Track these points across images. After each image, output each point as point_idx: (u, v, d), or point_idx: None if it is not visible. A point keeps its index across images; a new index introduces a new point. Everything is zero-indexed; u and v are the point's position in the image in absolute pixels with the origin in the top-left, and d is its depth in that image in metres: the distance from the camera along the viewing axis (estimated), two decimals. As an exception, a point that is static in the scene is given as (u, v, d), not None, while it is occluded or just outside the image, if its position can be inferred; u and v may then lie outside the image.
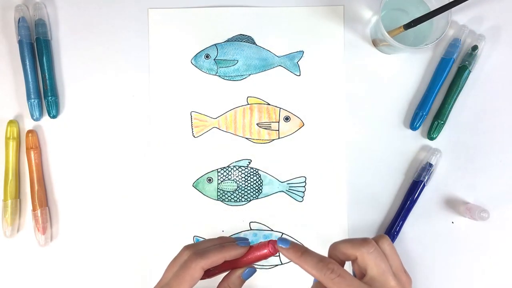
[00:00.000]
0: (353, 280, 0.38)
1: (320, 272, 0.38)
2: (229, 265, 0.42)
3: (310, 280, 0.55)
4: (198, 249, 0.41)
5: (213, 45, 0.58)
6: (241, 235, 0.58)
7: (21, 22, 0.56)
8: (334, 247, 0.41)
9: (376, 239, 0.41)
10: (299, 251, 0.40)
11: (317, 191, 0.58)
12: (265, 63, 0.58)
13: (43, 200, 0.56)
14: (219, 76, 0.58)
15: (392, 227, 0.56)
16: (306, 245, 0.57)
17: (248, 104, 0.58)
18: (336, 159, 0.58)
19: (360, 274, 0.41)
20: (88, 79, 0.58)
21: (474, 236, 0.57)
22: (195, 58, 0.58)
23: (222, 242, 0.42)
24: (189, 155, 0.58)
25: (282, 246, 0.40)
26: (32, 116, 0.56)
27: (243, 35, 0.58)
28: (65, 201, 0.57)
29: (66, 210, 0.57)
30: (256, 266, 0.57)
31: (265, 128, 0.58)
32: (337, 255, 0.41)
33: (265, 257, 0.42)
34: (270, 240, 0.41)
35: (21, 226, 0.57)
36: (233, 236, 0.57)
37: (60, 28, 0.58)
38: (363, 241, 0.40)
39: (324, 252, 0.56)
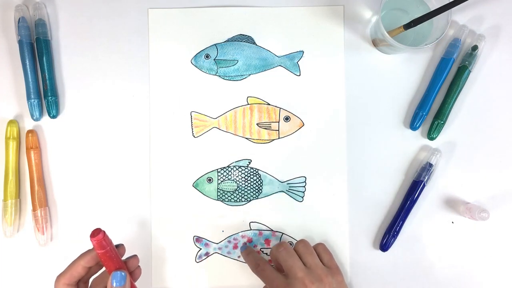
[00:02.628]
0: (271, 271, 0.51)
1: (252, 266, 0.53)
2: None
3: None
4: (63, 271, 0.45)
5: (213, 45, 0.58)
6: (241, 235, 0.58)
7: (21, 22, 0.56)
8: (270, 253, 0.54)
9: (295, 242, 0.54)
10: (245, 252, 0.55)
11: (317, 191, 0.58)
12: (265, 63, 0.58)
13: (43, 200, 0.56)
14: (219, 76, 0.58)
15: (392, 227, 0.56)
16: (306, 245, 0.57)
17: (248, 104, 0.58)
18: (336, 159, 0.58)
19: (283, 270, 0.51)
20: (88, 79, 0.58)
21: (474, 236, 0.57)
22: (195, 58, 0.58)
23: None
24: (189, 155, 0.58)
25: (241, 250, 0.56)
26: (32, 116, 0.56)
27: (243, 35, 0.58)
28: (65, 201, 0.57)
29: (66, 210, 0.57)
30: (256, 266, 0.57)
31: (265, 128, 0.58)
32: (272, 258, 0.53)
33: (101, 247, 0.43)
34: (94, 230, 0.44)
35: (21, 226, 0.57)
36: (233, 236, 0.57)
37: (60, 28, 0.58)
38: (277, 245, 0.52)
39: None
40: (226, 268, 0.57)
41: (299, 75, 0.58)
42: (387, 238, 0.56)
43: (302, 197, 0.58)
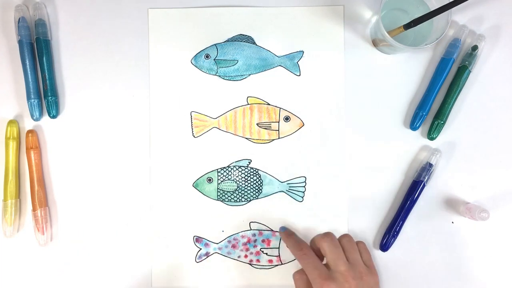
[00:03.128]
0: (314, 259, 0.50)
1: (293, 249, 0.52)
2: None
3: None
4: None
5: (213, 45, 0.58)
6: (241, 235, 0.58)
7: (21, 22, 0.56)
8: (311, 240, 0.53)
9: (340, 236, 0.52)
10: (285, 233, 0.55)
11: (317, 191, 0.58)
12: (265, 63, 0.58)
13: (43, 200, 0.56)
14: (219, 76, 0.58)
15: (392, 227, 0.56)
16: (306, 245, 0.57)
17: (248, 104, 0.58)
18: (336, 159, 0.58)
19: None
20: (88, 79, 0.58)
21: (474, 236, 0.57)
22: (195, 58, 0.58)
23: None
24: (189, 155, 0.58)
25: (281, 231, 0.56)
26: (32, 116, 0.56)
27: (243, 35, 0.58)
28: (65, 201, 0.57)
29: (66, 210, 0.57)
30: (256, 266, 0.58)
31: (265, 128, 0.58)
32: (313, 245, 0.53)
33: None
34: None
35: (21, 226, 0.57)
36: (233, 236, 0.57)
37: (60, 28, 0.58)
38: (324, 234, 0.51)
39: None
40: (226, 268, 0.57)
41: (299, 75, 0.58)
42: (387, 238, 0.56)
43: (302, 197, 0.58)
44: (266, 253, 0.58)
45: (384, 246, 0.57)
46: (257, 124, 0.58)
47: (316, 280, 0.48)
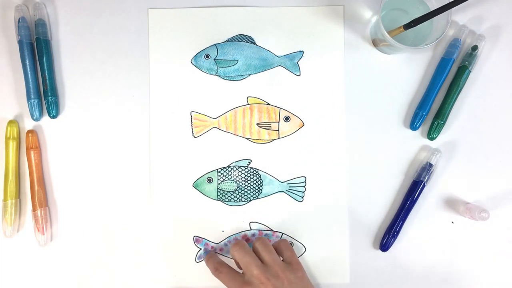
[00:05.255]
0: (228, 272, 0.52)
1: (211, 271, 0.54)
2: None
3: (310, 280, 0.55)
4: None
5: (213, 45, 0.58)
6: (241, 235, 0.58)
7: (21, 22, 0.55)
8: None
9: (254, 240, 0.54)
10: (206, 258, 0.56)
11: (317, 191, 0.58)
12: (265, 63, 0.58)
13: (43, 200, 0.56)
14: (219, 76, 0.58)
15: (392, 227, 0.56)
16: (306, 245, 0.57)
17: (248, 104, 0.58)
18: (336, 159, 0.58)
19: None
20: (88, 79, 0.58)
21: (474, 236, 0.57)
22: (195, 58, 0.58)
23: None
24: (189, 155, 0.58)
25: (204, 255, 0.57)
26: (32, 116, 0.56)
27: (243, 35, 0.58)
28: (65, 201, 0.57)
29: (66, 210, 0.57)
30: (256, 266, 0.57)
31: (265, 128, 0.58)
32: (232, 258, 0.54)
33: None
34: None
35: (21, 226, 0.57)
36: (233, 236, 0.57)
37: (60, 28, 0.58)
38: (233, 244, 0.53)
39: (325, 251, 0.56)
40: (226, 268, 0.57)
41: (299, 75, 0.58)
42: (387, 238, 0.56)
43: (302, 197, 0.58)
44: (266, 253, 0.58)
45: (384, 246, 0.57)
46: (257, 124, 0.58)
47: None
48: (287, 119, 0.58)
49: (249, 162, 0.58)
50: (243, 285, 0.50)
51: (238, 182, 0.58)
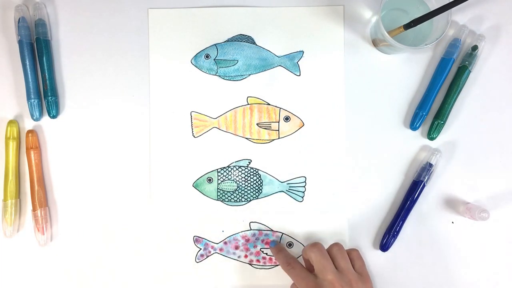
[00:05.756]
0: (301, 270, 0.51)
1: (282, 265, 0.53)
2: None
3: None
4: None
5: (213, 45, 0.58)
6: (241, 235, 0.58)
7: (21, 22, 0.56)
8: (302, 250, 0.54)
9: (330, 245, 0.53)
10: (276, 249, 0.56)
11: (317, 191, 0.58)
12: (265, 63, 0.58)
13: (43, 200, 0.56)
14: (219, 76, 0.58)
15: (392, 227, 0.56)
16: (306, 245, 0.57)
17: (248, 104, 0.58)
18: (336, 159, 0.58)
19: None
20: (88, 79, 0.58)
21: (474, 236, 0.57)
22: (195, 58, 0.58)
23: None
24: (189, 155, 0.58)
25: (271, 246, 0.57)
26: (32, 116, 0.56)
27: (243, 35, 0.58)
28: (65, 201, 0.57)
29: (66, 210, 0.57)
30: (256, 266, 0.58)
31: (265, 128, 0.58)
32: (304, 256, 0.54)
33: None
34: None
35: (21, 226, 0.57)
36: (233, 236, 0.57)
37: (60, 28, 0.58)
38: (311, 245, 0.52)
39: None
40: (226, 268, 0.57)
41: (299, 75, 0.58)
42: (387, 238, 0.56)
43: (302, 197, 0.58)
44: (266, 253, 0.58)
45: (384, 246, 0.57)
46: (257, 124, 0.58)
47: None
48: (287, 119, 0.58)
49: (249, 162, 0.58)
50: (315, 287, 0.49)
51: (238, 182, 0.58)
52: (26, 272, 0.57)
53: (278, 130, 0.58)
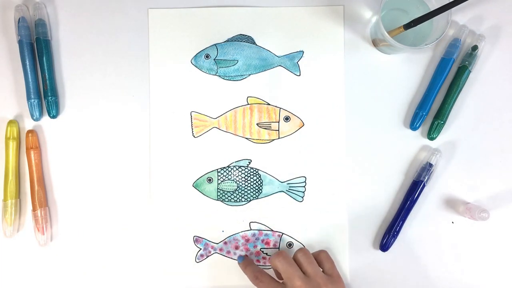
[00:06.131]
0: (269, 282, 0.52)
1: (251, 279, 0.53)
2: None
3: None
4: None
5: (213, 45, 0.58)
6: (241, 235, 0.58)
7: (21, 22, 0.55)
8: (269, 261, 0.55)
9: (295, 251, 0.53)
10: (243, 264, 0.55)
11: (317, 191, 0.58)
12: (265, 63, 0.58)
13: (43, 200, 0.56)
14: (219, 76, 0.58)
15: (392, 227, 0.56)
16: (306, 245, 0.57)
17: (248, 104, 0.58)
18: (336, 159, 0.58)
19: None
20: (88, 79, 0.58)
21: (474, 236, 0.57)
22: (195, 58, 0.58)
23: None
24: (189, 155, 0.58)
25: (239, 261, 0.56)
26: (32, 116, 0.56)
27: (243, 35, 0.58)
28: (65, 201, 0.57)
29: (66, 210, 0.57)
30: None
31: (265, 128, 0.58)
32: (273, 267, 0.54)
33: None
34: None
35: (21, 226, 0.57)
36: (233, 236, 0.57)
37: (60, 28, 0.58)
38: (276, 254, 0.52)
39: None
40: (226, 268, 0.57)
41: (299, 75, 0.58)
42: (387, 238, 0.56)
43: (302, 197, 0.58)
44: (266, 253, 0.58)
45: (384, 246, 0.57)
46: (257, 124, 0.58)
47: None
48: (287, 119, 0.58)
49: (249, 162, 0.58)
50: None
51: (238, 182, 0.58)
52: (26, 272, 0.57)
53: (278, 130, 0.58)
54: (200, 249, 0.57)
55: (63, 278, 0.57)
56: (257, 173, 0.58)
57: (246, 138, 0.58)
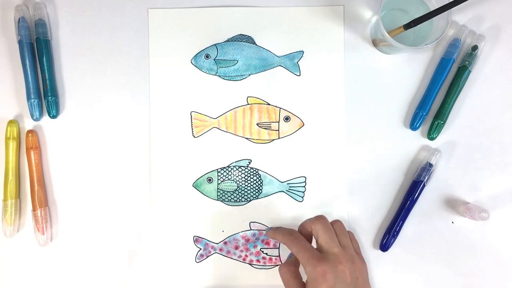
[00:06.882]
0: (305, 242, 0.49)
1: (283, 235, 0.50)
2: None
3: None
4: None
5: (213, 45, 0.58)
6: (241, 235, 0.58)
7: (21, 22, 0.56)
8: (300, 224, 0.52)
9: (332, 221, 0.51)
10: (272, 229, 0.53)
11: (317, 191, 0.58)
12: (265, 63, 0.58)
13: (43, 200, 0.56)
14: (219, 76, 0.58)
15: (392, 227, 0.56)
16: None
17: (248, 104, 0.58)
18: (336, 159, 0.58)
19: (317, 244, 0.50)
20: (88, 79, 0.58)
21: (474, 236, 0.57)
22: (195, 58, 0.58)
23: None
24: (189, 155, 0.58)
25: (267, 231, 0.55)
26: (32, 116, 0.56)
27: (243, 35, 0.58)
28: (65, 201, 0.57)
29: (66, 210, 0.57)
30: (256, 266, 0.58)
31: (265, 128, 0.58)
32: (302, 230, 0.51)
33: None
34: None
35: (21, 226, 0.57)
36: (233, 236, 0.57)
37: (60, 28, 0.58)
38: (316, 217, 0.50)
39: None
40: (226, 268, 0.57)
41: (299, 75, 0.58)
42: (387, 238, 0.56)
43: (302, 197, 0.58)
44: (266, 253, 0.58)
45: (384, 246, 0.57)
46: (257, 124, 0.58)
47: (309, 262, 0.46)
48: (287, 119, 0.58)
49: (249, 162, 0.58)
50: (320, 259, 0.46)
51: (238, 182, 0.58)
52: (26, 272, 0.57)
53: (278, 130, 0.58)
54: (200, 249, 0.57)
55: (63, 278, 0.57)
56: (257, 173, 0.58)
57: (246, 138, 0.58)
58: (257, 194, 0.58)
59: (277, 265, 0.57)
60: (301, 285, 0.48)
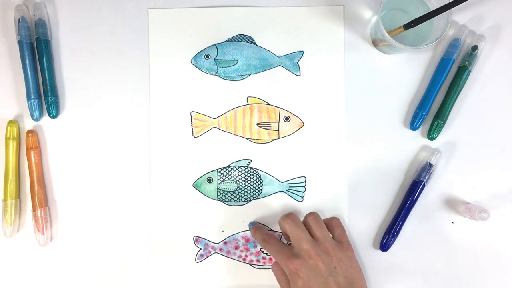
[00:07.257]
0: (277, 243, 0.51)
1: (259, 242, 0.54)
2: None
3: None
4: None
5: (213, 45, 0.58)
6: (241, 235, 0.58)
7: (21, 22, 0.56)
8: (278, 223, 0.53)
9: (306, 214, 0.53)
10: (254, 228, 0.56)
11: (317, 191, 0.58)
12: (265, 63, 0.58)
13: (43, 200, 0.56)
14: (219, 76, 0.58)
15: (392, 227, 0.56)
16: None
17: (248, 104, 0.58)
18: (336, 159, 0.58)
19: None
20: (88, 79, 0.58)
21: (474, 236, 0.57)
22: (195, 58, 0.58)
23: None
24: (189, 155, 0.58)
25: (250, 226, 0.57)
26: (32, 116, 0.56)
27: (243, 35, 0.58)
28: (65, 201, 0.57)
29: (66, 210, 0.57)
30: (256, 266, 0.58)
31: (265, 128, 0.58)
32: (281, 229, 0.53)
33: None
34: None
35: (21, 226, 0.57)
36: (233, 236, 0.57)
37: (60, 28, 0.58)
38: (285, 216, 0.52)
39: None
40: (226, 268, 0.57)
41: (299, 75, 0.58)
42: (387, 238, 0.56)
43: (302, 197, 0.58)
44: (266, 253, 0.58)
45: (384, 246, 0.57)
46: (257, 124, 0.58)
47: (282, 262, 0.49)
48: (287, 119, 0.58)
49: (249, 162, 0.58)
50: (292, 257, 0.48)
51: (238, 182, 0.58)
52: (26, 272, 0.57)
53: (278, 130, 0.58)
54: (200, 249, 0.57)
55: (63, 278, 0.57)
56: (257, 173, 0.58)
57: (246, 138, 0.58)
58: (257, 194, 0.58)
59: (277, 265, 0.57)
60: (288, 281, 0.50)
